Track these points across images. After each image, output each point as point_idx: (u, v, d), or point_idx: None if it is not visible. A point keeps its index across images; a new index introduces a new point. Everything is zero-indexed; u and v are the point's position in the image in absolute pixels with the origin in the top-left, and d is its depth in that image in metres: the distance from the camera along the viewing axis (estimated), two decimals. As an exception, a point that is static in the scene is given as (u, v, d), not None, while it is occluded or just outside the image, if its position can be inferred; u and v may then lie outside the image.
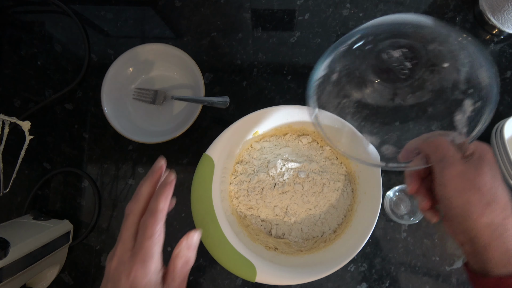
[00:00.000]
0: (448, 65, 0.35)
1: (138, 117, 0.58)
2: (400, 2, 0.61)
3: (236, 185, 0.51)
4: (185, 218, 0.56)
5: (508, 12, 0.54)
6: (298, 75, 0.59)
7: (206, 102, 0.53)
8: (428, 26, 0.35)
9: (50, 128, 0.59)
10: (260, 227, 0.51)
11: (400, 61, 0.35)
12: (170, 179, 0.35)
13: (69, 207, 0.57)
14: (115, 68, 0.55)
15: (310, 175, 0.50)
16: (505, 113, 0.58)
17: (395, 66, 0.36)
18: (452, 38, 0.34)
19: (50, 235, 0.49)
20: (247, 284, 0.54)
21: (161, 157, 0.36)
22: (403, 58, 0.35)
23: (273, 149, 0.53)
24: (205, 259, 0.55)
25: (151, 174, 0.35)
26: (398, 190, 0.55)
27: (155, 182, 0.35)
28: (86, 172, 0.57)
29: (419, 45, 0.35)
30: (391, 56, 0.35)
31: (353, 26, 0.60)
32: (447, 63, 0.35)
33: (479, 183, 0.29)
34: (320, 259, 0.46)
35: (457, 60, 0.34)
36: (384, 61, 0.36)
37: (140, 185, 0.34)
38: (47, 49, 0.61)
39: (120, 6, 0.62)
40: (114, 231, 0.56)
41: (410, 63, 0.35)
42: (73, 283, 0.55)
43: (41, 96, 0.60)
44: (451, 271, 0.54)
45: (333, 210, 0.51)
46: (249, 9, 0.61)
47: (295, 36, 0.60)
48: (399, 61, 0.35)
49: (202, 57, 0.60)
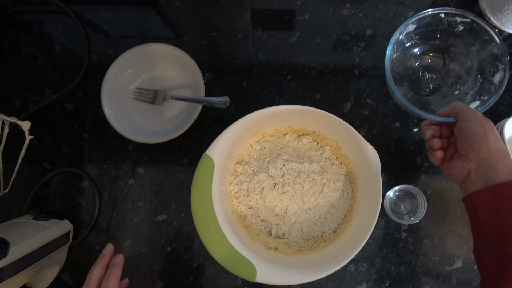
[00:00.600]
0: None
1: (138, 117, 0.58)
2: (400, 2, 0.61)
3: (236, 185, 0.51)
4: (185, 218, 0.56)
5: (508, 12, 0.54)
6: (298, 75, 0.59)
7: (206, 102, 0.53)
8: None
9: (50, 128, 0.59)
10: (260, 227, 0.51)
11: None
12: (118, 260, 0.39)
13: (69, 207, 0.57)
14: (115, 68, 0.55)
15: (310, 175, 0.50)
16: (505, 113, 0.58)
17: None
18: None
19: (50, 235, 0.49)
20: (247, 284, 0.54)
21: (109, 244, 0.41)
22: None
23: (273, 149, 0.53)
24: (205, 259, 0.55)
25: (100, 259, 0.40)
26: (398, 190, 0.55)
27: (105, 265, 0.40)
28: (86, 172, 0.57)
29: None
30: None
31: (353, 26, 0.60)
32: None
33: (491, 125, 0.42)
34: (320, 259, 0.46)
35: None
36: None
37: (91, 269, 0.39)
38: (47, 49, 0.61)
39: (120, 6, 0.62)
40: (114, 231, 0.56)
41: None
42: (73, 283, 0.55)
43: (41, 96, 0.60)
44: (451, 271, 0.54)
45: (333, 210, 0.51)
46: (249, 9, 0.61)
47: (295, 36, 0.60)
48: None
49: (202, 57, 0.60)
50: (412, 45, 0.56)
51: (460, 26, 0.53)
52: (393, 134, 0.58)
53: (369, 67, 0.59)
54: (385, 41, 0.60)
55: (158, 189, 0.57)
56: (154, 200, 0.57)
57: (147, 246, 0.56)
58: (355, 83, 0.59)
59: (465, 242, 0.55)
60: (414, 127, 0.58)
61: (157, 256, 0.55)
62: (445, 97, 0.57)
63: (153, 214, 0.56)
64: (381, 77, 0.59)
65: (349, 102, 0.59)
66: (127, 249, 0.56)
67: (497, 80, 0.50)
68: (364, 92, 0.59)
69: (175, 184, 0.57)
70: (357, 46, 0.60)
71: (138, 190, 0.57)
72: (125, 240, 0.56)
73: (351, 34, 0.60)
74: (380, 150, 0.48)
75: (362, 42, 0.60)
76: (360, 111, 0.58)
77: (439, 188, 0.56)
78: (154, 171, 0.57)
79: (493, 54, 0.51)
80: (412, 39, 0.55)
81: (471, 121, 0.41)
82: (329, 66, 0.60)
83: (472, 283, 0.54)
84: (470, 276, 0.54)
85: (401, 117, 0.58)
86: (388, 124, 0.58)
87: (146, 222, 0.56)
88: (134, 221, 0.56)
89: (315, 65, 0.60)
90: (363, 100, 0.59)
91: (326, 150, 0.53)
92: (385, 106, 0.58)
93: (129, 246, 0.56)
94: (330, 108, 0.59)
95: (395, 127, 0.58)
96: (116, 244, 0.56)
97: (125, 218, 0.56)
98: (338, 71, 0.59)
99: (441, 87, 0.57)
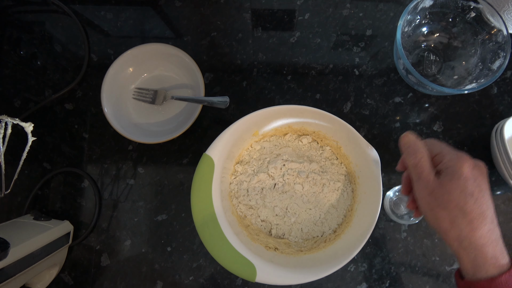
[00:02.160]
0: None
1: (138, 117, 0.58)
2: (400, 2, 0.61)
3: (236, 185, 0.51)
4: (185, 218, 0.56)
5: (508, 12, 0.54)
6: (298, 75, 0.59)
7: (206, 102, 0.53)
8: None
9: (50, 128, 0.59)
10: (260, 227, 0.51)
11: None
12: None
13: (69, 207, 0.57)
14: (115, 68, 0.55)
15: (310, 175, 0.50)
16: (505, 113, 0.58)
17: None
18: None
19: (50, 236, 0.49)
20: (247, 284, 0.54)
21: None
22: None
23: (273, 149, 0.53)
24: (205, 259, 0.55)
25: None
26: (398, 190, 0.55)
27: None
28: (87, 172, 0.58)
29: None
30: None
31: (353, 26, 0.60)
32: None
33: (445, 201, 0.32)
34: (320, 259, 0.46)
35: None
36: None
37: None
38: (47, 49, 0.61)
39: (120, 6, 0.62)
40: (114, 231, 0.56)
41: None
42: (73, 283, 0.55)
43: (41, 96, 0.60)
44: (451, 271, 0.54)
45: (333, 210, 0.51)
46: (249, 9, 0.61)
47: (295, 36, 0.60)
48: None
49: (202, 57, 0.60)
50: (423, 24, 0.57)
51: (472, 13, 0.53)
52: (393, 134, 0.58)
53: (369, 67, 0.59)
54: (385, 41, 0.60)
55: (158, 189, 0.57)
56: (154, 200, 0.57)
57: (147, 246, 0.56)
58: (355, 83, 0.59)
59: (465, 242, 0.55)
60: (414, 127, 0.58)
61: (157, 256, 0.55)
62: (447, 78, 0.58)
63: (153, 214, 0.56)
64: (381, 77, 0.59)
65: (349, 102, 0.59)
66: (127, 249, 0.56)
67: (495, 66, 0.51)
68: (364, 92, 0.59)
69: (175, 184, 0.57)
70: (357, 46, 0.60)
71: (138, 190, 0.57)
72: (125, 240, 0.56)
73: (351, 34, 0.60)
74: (380, 150, 0.48)
75: (362, 42, 0.60)
76: (360, 111, 0.58)
77: (439, 188, 0.56)
78: (154, 171, 0.57)
79: (497, 42, 0.51)
80: (426, 17, 0.55)
81: (421, 201, 0.34)
82: (329, 66, 0.60)
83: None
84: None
85: (401, 117, 0.58)
86: (388, 124, 0.58)
87: (146, 222, 0.56)
88: (134, 221, 0.56)
89: (315, 65, 0.60)
90: (363, 100, 0.59)
91: (326, 150, 0.53)
92: (385, 106, 0.58)
93: (129, 246, 0.56)
94: (330, 108, 0.59)
95: (395, 127, 0.58)
96: (116, 244, 0.56)
97: (125, 218, 0.56)
98: (338, 71, 0.59)
99: (442, 70, 0.58)
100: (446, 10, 0.55)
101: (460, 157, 0.33)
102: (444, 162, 0.33)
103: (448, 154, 0.34)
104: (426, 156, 0.34)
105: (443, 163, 0.33)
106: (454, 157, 0.33)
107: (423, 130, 0.58)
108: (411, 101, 0.58)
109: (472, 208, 0.31)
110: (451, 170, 0.32)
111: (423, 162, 0.34)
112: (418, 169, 0.34)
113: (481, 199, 0.31)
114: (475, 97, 0.58)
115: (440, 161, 0.34)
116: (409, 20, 0.54)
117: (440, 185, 0.32)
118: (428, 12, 0.55)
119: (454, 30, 0.56)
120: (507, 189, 0.56)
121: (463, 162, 0.32)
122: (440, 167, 0.34)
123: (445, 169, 0.33)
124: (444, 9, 0.55)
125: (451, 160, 0.33)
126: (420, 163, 0.34)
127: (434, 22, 0.57)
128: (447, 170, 0.33)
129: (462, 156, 0.33)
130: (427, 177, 0.33)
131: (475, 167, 0.33)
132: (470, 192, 0.31)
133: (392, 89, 0.59)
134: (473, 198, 0.31)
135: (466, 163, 0.32)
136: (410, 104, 0.58)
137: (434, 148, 0.35)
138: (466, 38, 0.56)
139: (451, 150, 0.34)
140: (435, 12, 0.55)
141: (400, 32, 0.50)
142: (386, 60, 0.60)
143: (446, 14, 0.55)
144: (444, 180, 0.32)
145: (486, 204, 0.32)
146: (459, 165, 0.32)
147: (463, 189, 0.31)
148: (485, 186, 0.33)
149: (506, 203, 0.55)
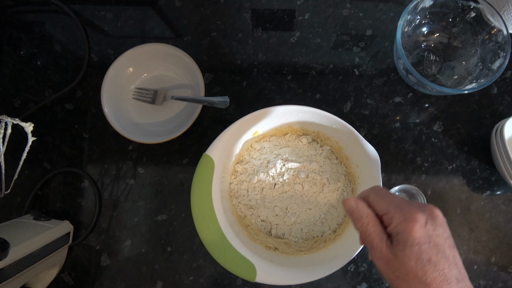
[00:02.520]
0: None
1: (138, 117, 0.58)
2: (400, 2, 0.61)
3: (236, 185, 0.51)
4: (185, 218, 0.56)
5: (508, 12, 0.54)
6: (298, 75, 0.59)
7: (206, 102, 0.53)
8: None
9: (50, 128, 0.59)
10: (260, 227, 0.51)
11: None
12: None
13: (69, 207, 0.57)
14: (115, 68, 0.55)
15: (310, 175, 0.50)
16: (505, 113, 0.58)
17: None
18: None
19: (50, 236, 0.49)
20: (247, 284, 0.54)
21: None
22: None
23: (273, 149, 0.53)
24: (205, 259, 0.55)
25: None
26: (398, 190, 0.55)
27: None
28: (86, 172, 0.58)
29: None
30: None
31: (353, 26, 0.60)
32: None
33: (403, 274, 0.29)
34: (320, 259, 0.46)
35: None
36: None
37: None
38: (47, 49, 0.61)
39: (120, 6, 0.62)
40: (114, 231, 0.56)
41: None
42: (73, 283, 0.55)
43: (41, 96, 0.60)
44: (451, 271, 0.54)
45: (333, 210, 0.51)
46: (249, 9, 0.61)
47: (295, 36, 0.60)
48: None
49: (202, 57, 0.60)
50: (423, 24, 0.57)
51: (472, 13, 0.53)
52: (393, 134, 0.58)
53: (369, 67, 0.59)
54: (385, 41, 0.60)
55: (158, 189, 0.57)
56: (154, 200, 0.57)
57: (147, 246, 0.56)
58: (355, 83, 0.59)
59: (465, 242, 0.55)
60: (414, 127, 0.58)
61: (157, 256, 0.55)
62: (447, 78, 0.58)
63: (153, 214, 0.56)
64: (381, 77, 0.59)
65: (349, 102, 0.59)
66: (127, 249, 0.56)
67: (496, 66, 0.51)
68: (364, 92, 0.59)
69: (175, 184, 0.57)
70: (357, 46, 0.60)
71: (138, 190, 0.57)
72: (125, 240, 0.56)
73: (351, 34, 0.60)
74: (380, 150, 0.48)
75: (362, 42, 0.60)
76: (360, 111, 0.58)
77: (439, 188, 0.56)
78: (154, 171, 0.57)
79: (497, 42, 0.51)
80: (426, 17, 0.56)
81: (380, 270, 0.32)
82: (329, 66, 0.60)
83: (472, 283, 0.54)
84: (470, 276, 0.54)
85: (401, 117, 0.58)
86: (388, 124, 0.58)
87: (146, 222, 0.56)
88: (134, 221, 0.56)
89: (315, 65, 0.60)
90: (363, 100, 0.59)
91: (326, 150, 0.53)
92: (385, 106, 0.58)
93: (129, 246, 0.56)
94: (330, 108, 0.59)
95: (395, 127, 0.58)
96: (116, 244, 0.56)
97: (125, 218, 0.56)
98: (338, 71, 0.59)
99: (442, 70, 0.58)
100: (446, 10, 0.55)
101: (408, 218, 0.30)
102: (392, 226, 0.30)
103: (396, 215, 0.30)
104: (373, 221, 0.32)
105: (392, 227, 0.30)
106: (402, 219, 0.30)
107: (423, 130, 0.58)
108: (411, 101, 0.58)
109: (432, 277, 0.29)
110: (401, 237, 0.29)
111: (371, 228, 0.31)
112: (368, 237, 0.31)
113: (441, 261, 0.29)
114: (475, 97, 0.58)
115: (389, 223, 0.31)
116: (409, 20, 0.54)
117: (394, 256, 0.30)
118: (428, 12, 0.55)
119: (454, 30, 0.56)
120: (507, 189, 0.56)
121: (412, 224, 0.29)
122: (390, 231, 0.31)
123: (396, 235, 0.30)
124: (444, 9, 0.55)
125: (400, 224, 0.30)
126: (368, 229, 0.31)
127: (434, 22, 0.57)
128: (397, 237, 0.30)
129: (410, 215, 0.30)
130: (378, 246, 0.31)
131: (428, 222, 0.30)
132: (427, 258, 0.29)
133: (392, 89, 0.59)
134: (431, 264, 0.29)
135: (416, 225, 0.29)
136: (410, 104, 0.58)
137: (380, 205, 0.32)
138: (466, 38, 0.56)
139: (398, 207, 0.31)
140: (435, 12, 0.55)
141: (400, 32, 0.50)
142: (386, 60, 0.60)
143: (446, 14, 0.55)
144: (397, 250, 0.30)
145: (448, 264, 0.29)
146: (409, 230, 0.29)
147: (418, 257, 0.29)
148: (443, 241, 0.30)
149: (506, 203, 0.55)
